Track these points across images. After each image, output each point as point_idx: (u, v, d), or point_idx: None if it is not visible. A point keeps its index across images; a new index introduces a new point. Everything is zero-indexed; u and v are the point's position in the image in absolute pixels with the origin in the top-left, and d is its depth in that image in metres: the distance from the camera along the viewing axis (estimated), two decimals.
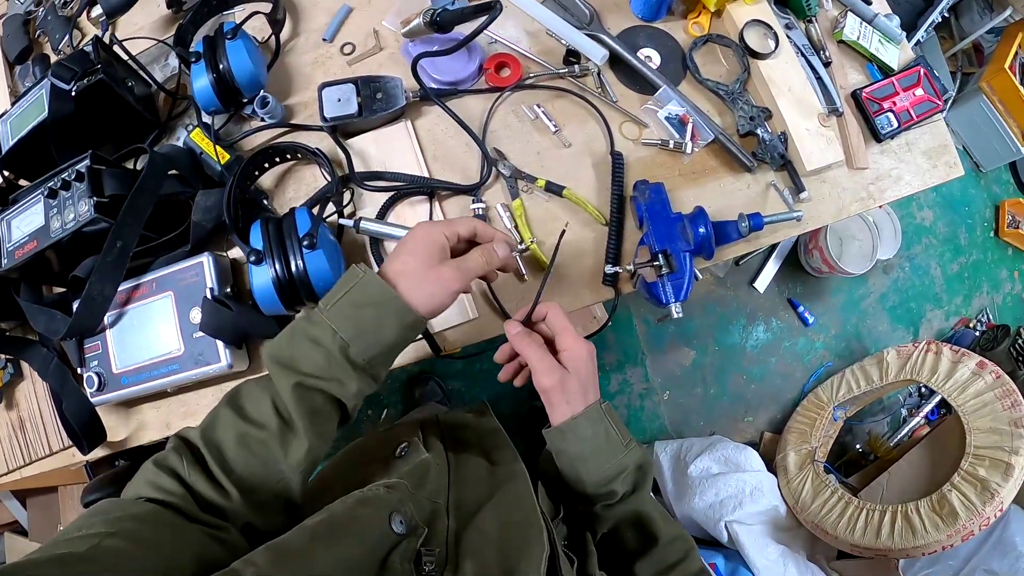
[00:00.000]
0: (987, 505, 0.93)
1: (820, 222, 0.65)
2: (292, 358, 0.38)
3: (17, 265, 0.58)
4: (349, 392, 0.38)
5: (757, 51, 0.63)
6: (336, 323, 0.38)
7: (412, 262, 0.40)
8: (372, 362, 0.39)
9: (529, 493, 0.42)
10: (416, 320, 0.39)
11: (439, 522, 0.38)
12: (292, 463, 0.38)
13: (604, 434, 0.45)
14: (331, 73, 0.63)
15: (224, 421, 0.38)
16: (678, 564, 0.45)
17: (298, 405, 0.37)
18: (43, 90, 0.64)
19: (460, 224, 0.43)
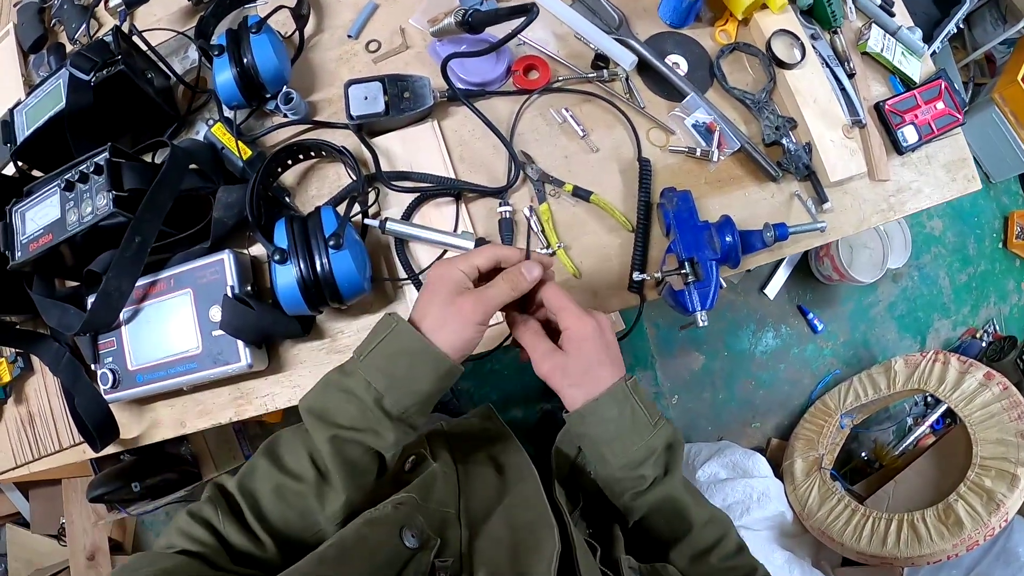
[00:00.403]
0: (992, 516, 0.93)
1: (841, 233, 0.64)
2: (326, 410, 0.38)
3: (31, 258, 0.57)
4: (386, 443, 0.37)
5: (784, 61, 0.63)
6: (369, 374, 0.37)
7: (432, 305, 0.38)
8: (408, 412, 0.37)
9: (539, 492, 0.41)
10: (451, 368, 0.38)
11: (451, 531, 0.38)
12: (329, 515, 0.37)
13: (630, 414, 0.40)
14: (356, 70, 0.62)
15: (261, 472, 0.38)
16: (714, 547, 0.43)
17: (335, 458, 0.36)
18: (60, 80, 0.62)
19: (477, 256, 0.40)
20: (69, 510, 1.19)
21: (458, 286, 0.39)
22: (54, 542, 1.29)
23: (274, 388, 0.58)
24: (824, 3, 0.65)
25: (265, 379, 0.58)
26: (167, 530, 0.37)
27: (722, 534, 0.43)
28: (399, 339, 0.38)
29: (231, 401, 0.59)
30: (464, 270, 0.39)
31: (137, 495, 1.01)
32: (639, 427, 0.40)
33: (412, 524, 0.35)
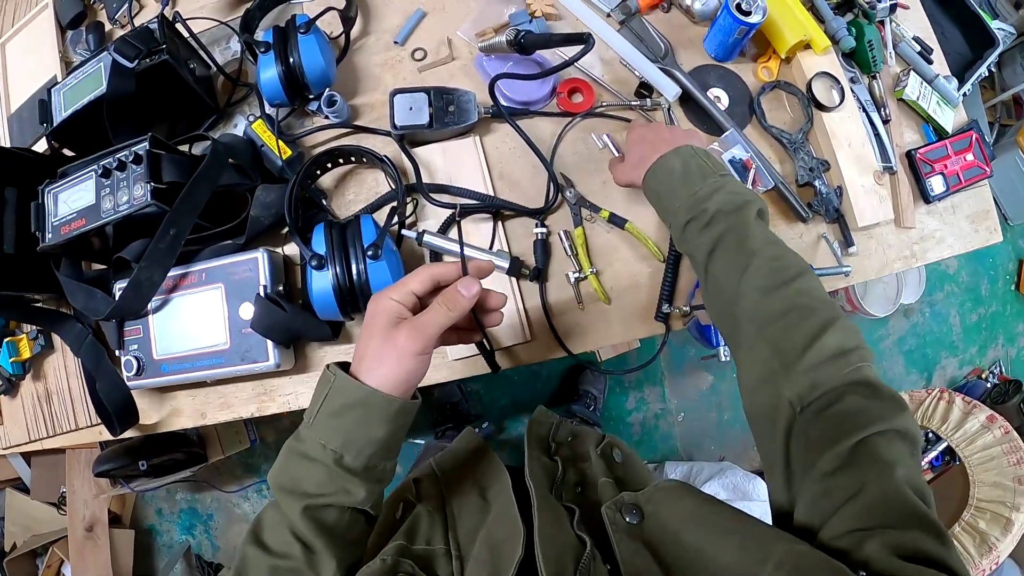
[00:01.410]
0: (984, 558, 0.94)
1: (863, 276, 0.64)
2: (294, 480, 0.36)
3: (62, 242, 0.56)
4: (358, 499, 0.36)
5: (823, 103, 0.63)
6: (322, 436, 0.35)
7: (369, 345, 0.36)
8: (371, 461, 0.36)
9: (511, 502, 0.40)
10: (402, 406, 0.36)
11: (442, 567, 0.37)
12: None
13: (695, 166, 0.45)
14: (400, 78, 0.61)
15: (254, 561, 0.36)
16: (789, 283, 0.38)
17: (313, 527, 0.35)
18: (101, 64, 0.61)
19: (412, 280, 0.37)
20: (71, 480, 1.19)
21: (393, 318, 0.36)
22: (53, 510, 1.28)
23: (298, 387, 0.58)
24: (866, 47, 0.65)
25: (290, 378, 0.58)
26: None
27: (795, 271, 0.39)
28: (341, 393, 0.35)
29: (254, 397, 0.58)
30: (398, 299, 0.37)
31: (142, 472, 1.01)
32: (701, 171, 0.44)
33: (402, 571, 0.35)
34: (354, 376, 0.36)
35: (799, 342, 0.36)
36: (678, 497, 0.36)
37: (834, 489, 0.31)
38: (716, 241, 0.42)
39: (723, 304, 0.42)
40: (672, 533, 0.33)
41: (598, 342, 0.56)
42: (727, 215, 0.42)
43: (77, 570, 1.17)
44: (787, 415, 0.35)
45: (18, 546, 1.25)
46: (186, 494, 1.45)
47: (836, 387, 0.34)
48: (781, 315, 0.37)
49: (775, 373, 0.36)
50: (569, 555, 0.32)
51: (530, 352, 0.56)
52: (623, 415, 1.48)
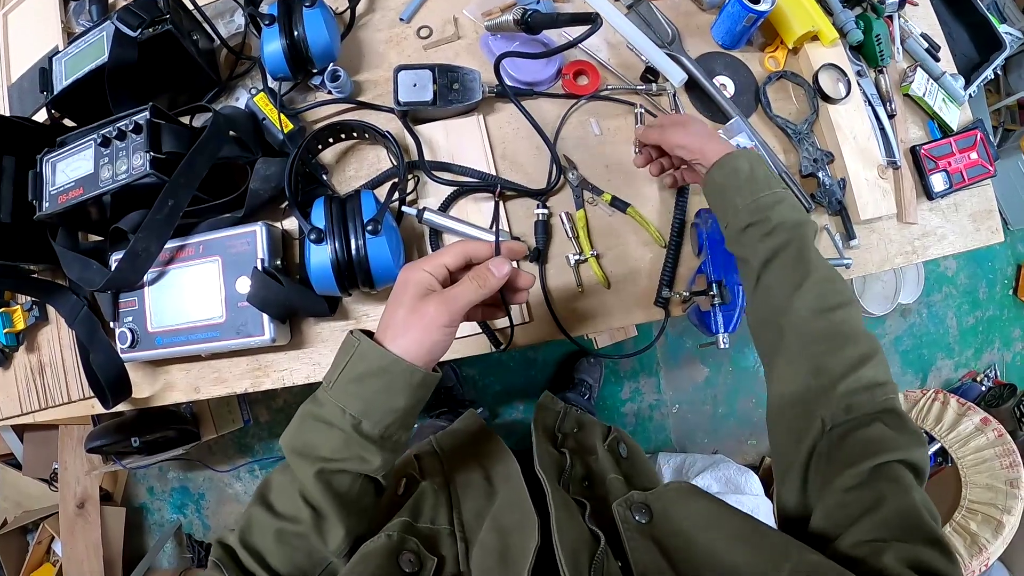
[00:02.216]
0: (974, 559, 0.94)
1: (864, 270, 0.64)
2: (309, 445, 0.36)
3: (60, 211, 0.55)
4: (374, 467, 0.35)
5: (829, 95, 0.62)
6: (342, 400, 0.35)
7: (396, 313, 0.36)
8: (389, 430, 0.35)
9: (522, 488, 0.40)
10: (424, 378, 0.35)
11: (447, 548, 0.37)
12: (333, 549, 0.36)
13: (762, 171, 0.45)
14: (405, 55, 0.60)
15: (259, 522, 0.36)
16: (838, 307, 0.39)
17: (324, 492, 0.35)
18: (104, 33, 0.60)
19: (446, 255, 0.37)
20: (64, 457, 1.18)
21: (423, 289, 0.36)
22: (45, 486, 1.27)
23: (293, 363, 0.57)
24: (874, 41, 0.65)
25: (285, 353, 0.57)
26: None
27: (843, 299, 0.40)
28: (364, 359, 0.35)
29: (248, 372, 0.58)
30: (431, 271, 0.37)
31: (135, 449, 1.00)
32: (767, 178, 0.45)
33: (406, 548, 0.34)
34: (378, 343, 0.35)
35: (840, 367, 0.37)
36: (688, 499, 0.36)
37: (853, 502, 0.32)
38: (775, 251, 0.42)
39: (770, 313, 0.42)
40: (683, 534, 0.33)
41: (597, 326, 0.55)
42: (788, 228, 0.42)
43: (67, 546, 1.16)
44: (816, 431, 0.37)
45: (9, 522, 1.24)
46: (178, 473, 1.43)
47: (867, 413, 0.36)
48: (827, 338, 0.39)
49: (812, 391, 0.38)
50: (583, 549, 0.32)
51: (528, 334, 0.55)
52: (618, 405, 1.48)
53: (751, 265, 0.44)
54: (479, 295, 0.36)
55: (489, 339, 0.49)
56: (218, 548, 0.37)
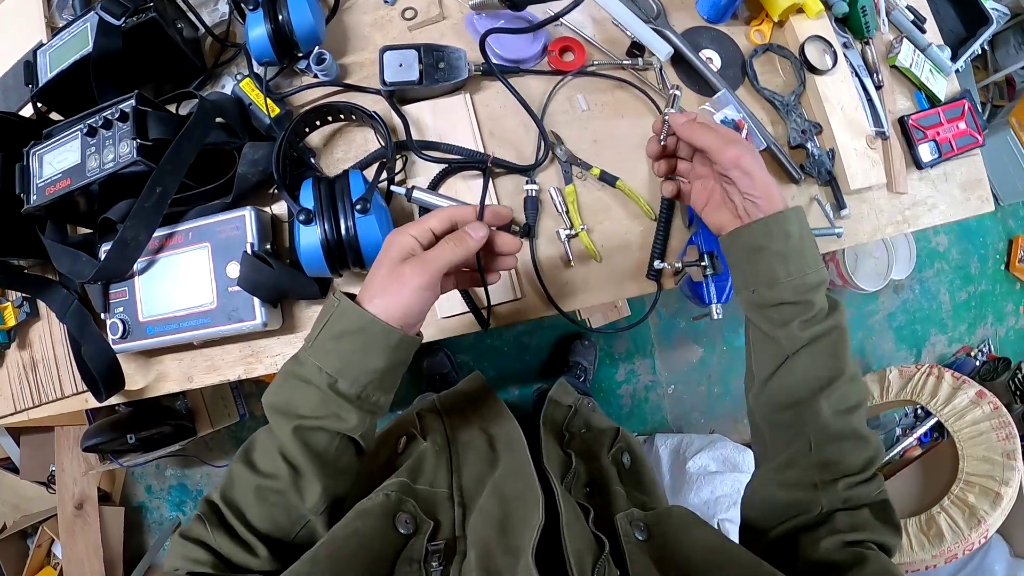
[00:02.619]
0: (973, 531, 0.94)
1: (855, 240, 0.64)
2: (288, 403, 0.36)
3: (47, 202, 0.55)
4: (349, 426, 0.36)
5: (815, 66, 0.62)
6: (319, 359, 0.35)
7: (377, 273, 0.36)
8: (366, 391, 0.36)
9: (527, 461, 0.40)
10: (402, 339, 0.35)
11: (444, 513, 0.37)
12: (311, 506, 0.36)
13: (809, 239, 0.40)
14: (390, 37, 0.60)
15: (240, 479, 0.37)
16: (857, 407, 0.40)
17: (302, 449, 0.35)
18: (88, 24, 0.59)
19: (432, 219, 0.38)
20: (61, 458, 1.17)
21: (405, 252, 0.36)
22: (42, 489, 1.27)
23: (286, 348, 0.57)
24: (859, 13, 0.65)
25: (277, 338, 0.57)
26: (169, 556, 0.36)
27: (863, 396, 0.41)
28: (343, 318, 0.35)
29: (241, 359, 0.57)
30: (415, 235, 0.37)
31: (131, 447, 1.00)
32: (814, 253, 0.40)
33: (404, 510, 0.34)
34: (358, 304, 0.36)
35: (849, 468, 0.39)
36: (690, 528, 0.36)
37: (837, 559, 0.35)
38: (812, 340, 0.39)
39: (788, 402, 0.41)
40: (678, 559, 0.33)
41: (589, 300, 0.55)
42: (827, 315, 0.40)
43: (67, 548, 1.16)
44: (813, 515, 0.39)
45: (8, 527, 1.23)
46: (176, 470, 1.43)
47: (862, 503, 0.38)
48: (842, 438, 0.39)
49: (816, 484, 0.39)
50: (587, 553, 0.32)
51: (520, 310, 0.55)
52: (613, 387, 1.48)
53: (779, 345, 0.41)
54: (456, 256, 0.36)
55: (476, 318, 0.48)
56: (203, 504, 0.37)
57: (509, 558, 0.31)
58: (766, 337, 0.42)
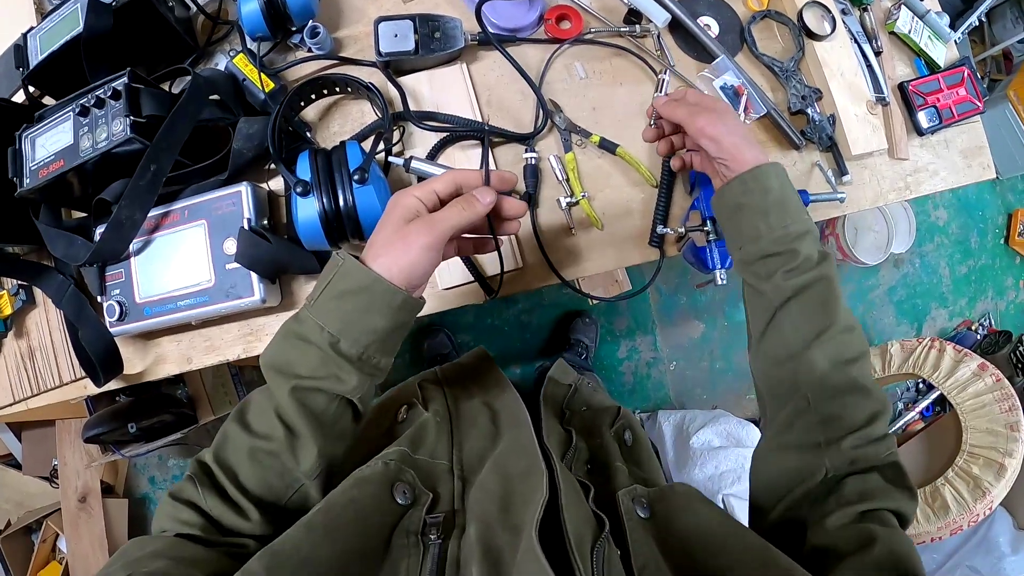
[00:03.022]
0: (978, 502, 0.94)
1: (858, 206, 0.63)
2: (287, 362, 0.35)
3: (41, 185, 0.54)
4: (348, 387, 0.35)
5: (814, 32, 0.61)
6: (321, 318, 0.34)
7: (381, 232, 0.36)
8: (367, 352, 0.35)
9: (531, 438, 0.39)
10: (405, 300, 0.34)
11: (443, 485, 0.36)
12: (305, 469, 0.35)
13: (790, 192, 0.40)
14: (384, 8, 0.59)
15: (234, 439, 0.36)
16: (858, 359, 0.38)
17: (299, 410, 0.34)
18: (78, 4, 0.58)
19: (438, 182, 0.37)
20: (62, 452, 1.16)
21: (410, 213, 0.36)
22: (45, 484, 1.26)
23: None
24: None
25: (276, 316, 0.56)
26: (158, 516, 0.35)
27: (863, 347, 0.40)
28: (346, 277, 0.34)
29: (240, 337, 0.56)
30: (420, 197, 0.36)
31: (132, 436, 0.99)
32: (797, 205, 0.40)
33: (403, 480, 0.34)
34: (362, 263, 0.35)
35: (852, 423, 0.37)
36: (691, 504, 0.35)
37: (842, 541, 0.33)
38: (798, 290, 0.39)
39: (782, 357, 0.40)
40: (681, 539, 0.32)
41: (591, 268, 0.54)
42: (815, 265, 0.39)
43: (72, 542, 1.15)
44: (818, 479, 0.37)
45: (12, 523, 1.22)
46: (178, 460, 1.41)
47: (871, 465, 0.37)
48: (842, 392, 0.38)
49: (820, 444, 0.37)
50: (587, 531, 0.31)
51: (523, 280, 0.54)
52: (615, 364, 1.47)
53: (767, 299, 0.40)
54: (463, 219, 0.36)
55: (481, 286, 0.47)
56: (194, 464, 0.36)
57: (510, 535, 0.30)
58: (755, 292, 0.42)
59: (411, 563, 0.29)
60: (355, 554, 0.28)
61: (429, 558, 0.30)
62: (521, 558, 0.28)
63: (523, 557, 0.27)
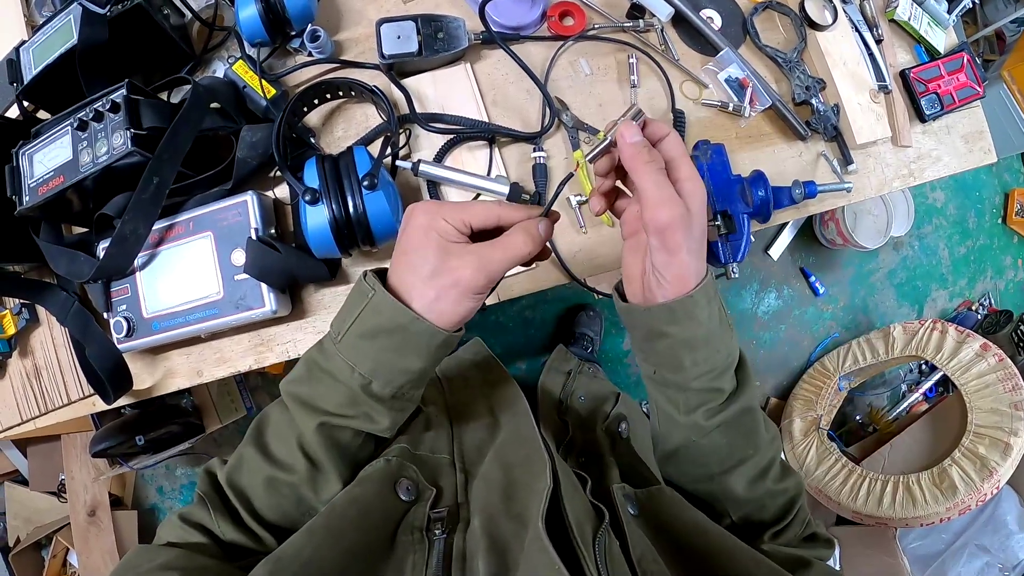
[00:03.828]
0: (985, 482, 0.94)
1: (863, 195, 0.63)
2: (312, 396, 0.33)
3: (41, 202, 0.53)
4: (380, 427, 0.33)
5: (816, 22, 0.61)
6: (351, 357, 0.31)
7: (418, 267, 0.30)
8: (401, 390, 0.32)
9: (532, 427, 0.38)
10: (446, 339, 0.31)
11: (446, 479, 0.35)
12: (324, 500, 0.33)
13: (718, 315, 0.33)
14: (384, 10, 0.58)
15: (250, 464, 0.33)
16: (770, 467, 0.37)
17: (325, 445, 0.32)
18: (71, 15, 0.57)
19: (473, 213, 0.31)
20: (69, 466, 1.14)
21: (448, 241, 0.30)
22: (53, 499, 1.24)
23: (296, 334, 0.55)
24: None
25: (287, 325, 0.55)
26: (164, 529, 0.33)
27: (777, 450, 0.39)
28: (377, 313, 0.30)
29: (251, 348, 0.55)
30: (454, 224, 0.30)
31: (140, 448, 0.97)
32: (722, 334, 0.33)
33: (405, 476, 0.32)
34: (394, 294, 0.30)
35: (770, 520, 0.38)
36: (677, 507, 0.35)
37: None
38: (720, 425, 0.35)
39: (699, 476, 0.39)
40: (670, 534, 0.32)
41: (604, 266, 0.53)
42: (736, 398, 0.35)
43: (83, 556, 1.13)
44: None
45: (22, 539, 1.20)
46: (186, 469, 1.40)
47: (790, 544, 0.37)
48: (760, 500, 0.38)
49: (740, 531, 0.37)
50: (587, 521, 0.30)
51: (534, 280, 0.53)
52: (620, 355, 1.47)
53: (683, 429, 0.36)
54: (517, 261, 0.31)
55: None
56: (205, 480, 0.34)
57: (515, 524, 0.29)
58: (669, 417, 0.37)
59: (417, 559, 0.28)
60: (359, 553, 0.28)
61: (435, 553, 0.29)
62: (528, 548, 0.27)
63: (530, 547, 0.27)
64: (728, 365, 0.34)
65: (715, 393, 0.34)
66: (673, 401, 0.36)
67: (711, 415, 0.35)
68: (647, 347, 0.35)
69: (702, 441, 0.36)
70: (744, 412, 0.35)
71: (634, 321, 0.35)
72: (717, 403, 0.35)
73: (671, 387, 0.35)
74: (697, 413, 0.35)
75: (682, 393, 0.35)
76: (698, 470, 0.38)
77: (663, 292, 0.32)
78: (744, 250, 0.52)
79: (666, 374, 0.35)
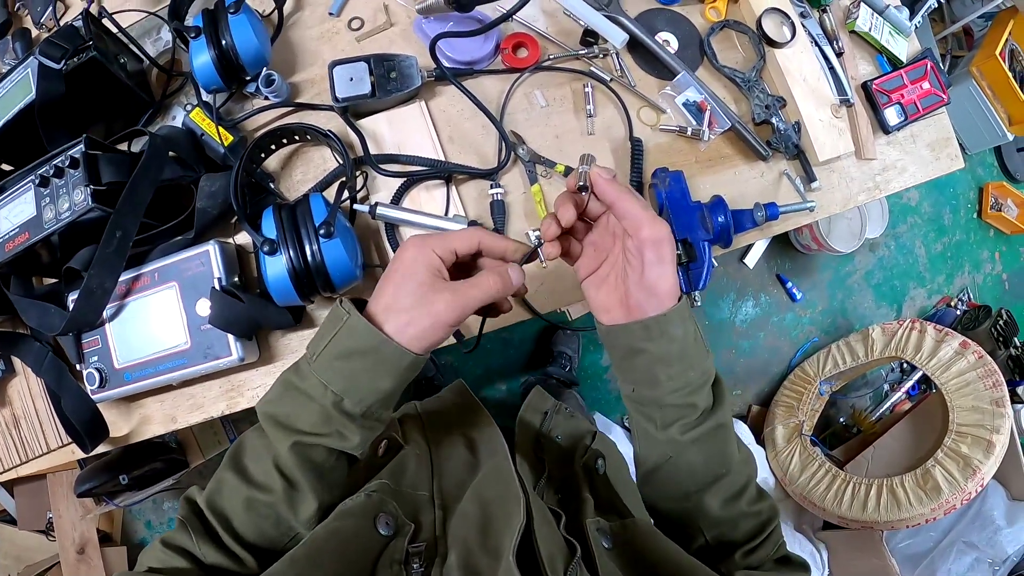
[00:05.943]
0: (969, 481, 0.95)
1: (828, 211, 0.64)
2: (287, 415, 0.35)
3: (8, 259, 0.54)
4: (352, 444, 0.35)
5: (774, 39, 0.61)
6: (325, 377, 0.33)
7: (402, 296, 0.33)
8: (372, 409, 0.35)
9: (508, 464, 0.40)
10: (414, 361, 0.33)
11: (425, 514, 0.37)
12: (302, 520, 0.35)
13: (693, 334, 0.36)
14: (339, 50, 0.59)
15: (229, 487, 0.35)
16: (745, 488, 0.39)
17: (300, 464, 0.34)
18: (28, 70, 0.58)
19: (457, 239, 0.35)
20: (56, 505, 1.16)
21: (432, 275, 0.34)
22: (42, 538, 1.25)
23: (266, 379, 0.56)
24: None
25: (256, 370, 0.56)
26: (146, 555, 0.34)
27: (751, 472, 0.41)
28: (352, 335, 0.33)
29: (223, 394, 0.56)
30: (441, 254, 0.34)
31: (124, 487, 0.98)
32: (697, 351, 0.36)
33: (385, 511, 0.34)
34: (369, 319, 0.33)
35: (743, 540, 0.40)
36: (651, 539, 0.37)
37: None
38: (695, 441, 0.38)
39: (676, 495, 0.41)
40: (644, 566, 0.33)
41: (565, 300, 0.54)
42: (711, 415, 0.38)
43: None
44: None
45: None
46: (173, 503, 1.41)
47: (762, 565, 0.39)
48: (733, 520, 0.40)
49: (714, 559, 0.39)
50: (559, 555, 0.32)
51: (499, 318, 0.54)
52: (599, 372, 1.48)
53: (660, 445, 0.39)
54: (489, 298, 0.34)
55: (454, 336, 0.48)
56: (185, 506, 0.36)
57: (490, 558, 0.31)
58: (646, 432, 0.40)
59: None
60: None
61: None
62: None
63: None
64: (703, 383, 0.37)
65: (690, 408, 0.37)
66: (651, 418, 0.39)
67: (686, 429, 0.37)
68: (625, 365, 0.38)
69: (679, 458, 0.39)
70: (717, 428, 0.38)
71: (614, 341, 0.38)
72: (692, 418, 0.37)
73: (648, 404, 0.38)
74: (673, 428, 0.37)
75: (659, 409, 0.38)
76: (675, 489, 0.41)
77: (646, 307, 0.35)
78: (706, 278, 0.53)
79: (643, 391, 0.38)
